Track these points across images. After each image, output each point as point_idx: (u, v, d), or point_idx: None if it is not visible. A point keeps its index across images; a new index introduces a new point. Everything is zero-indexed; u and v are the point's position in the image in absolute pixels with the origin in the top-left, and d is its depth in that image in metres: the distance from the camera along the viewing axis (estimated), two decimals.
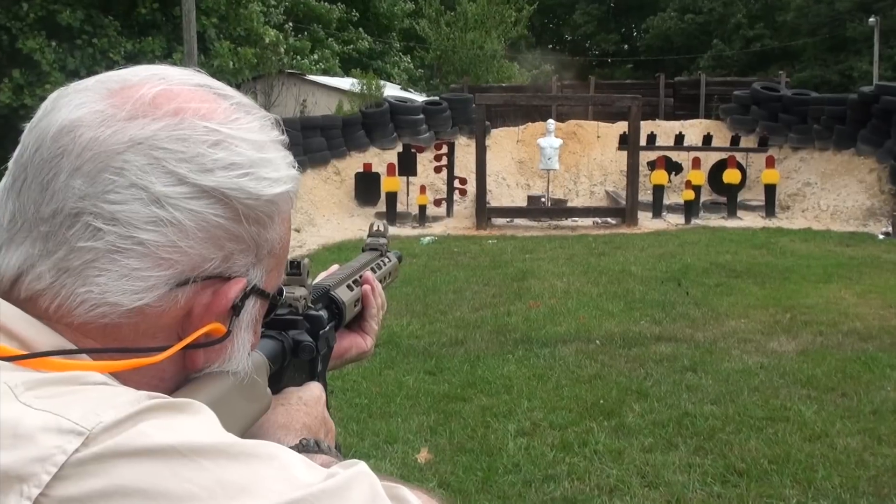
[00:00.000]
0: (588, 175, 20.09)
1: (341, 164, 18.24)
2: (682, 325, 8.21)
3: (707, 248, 12.88)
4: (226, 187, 0.83)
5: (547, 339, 7.80)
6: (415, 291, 9.82)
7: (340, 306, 1.31)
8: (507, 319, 8.53)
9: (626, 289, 9.91)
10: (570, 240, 14.33)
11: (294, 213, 0.96)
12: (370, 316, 1.42)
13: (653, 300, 9.28)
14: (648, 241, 13.76)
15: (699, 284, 10.08)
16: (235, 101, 0.88)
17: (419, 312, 8.89)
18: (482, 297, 9.65)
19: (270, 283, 0.92)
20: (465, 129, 20.22)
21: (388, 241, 1.66)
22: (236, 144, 0.84)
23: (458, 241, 14.45)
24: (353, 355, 1.40)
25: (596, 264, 11.66)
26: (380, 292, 1.46)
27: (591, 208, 17.24)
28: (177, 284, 0.82)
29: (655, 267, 11.32)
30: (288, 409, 1.06)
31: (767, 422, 5.67)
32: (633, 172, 16.29)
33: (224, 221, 0.83)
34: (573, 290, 9.94)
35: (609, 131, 20.55)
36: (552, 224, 16.62)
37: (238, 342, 0.91)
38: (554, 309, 8.95)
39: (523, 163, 20.26)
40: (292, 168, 0.91)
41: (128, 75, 0.86)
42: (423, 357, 7.28)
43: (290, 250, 0.97)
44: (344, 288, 1.36)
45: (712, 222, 16.32)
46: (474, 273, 11.11)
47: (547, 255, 12.71)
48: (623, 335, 7.85)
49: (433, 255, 12.65)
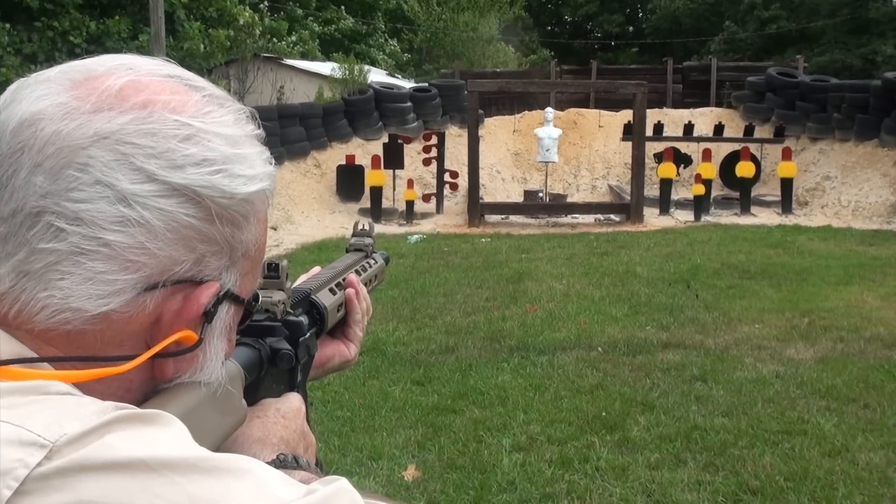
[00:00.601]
0: (589, 168, 20.13)
1: (322, 155, 18.24)
2: (692, 331, 8.24)
3: (718, 248, 12.92)
4: (198, 185, 0.83)
5: (545, 346, 7.82)
6: (401, 294, 9.83)
7: (322, 311, 1.32)
8: (502, 325, 8.55)
9: (630, 291, 9.95)
10: (569, 238, 14.35)
11: (271, 212, 0.97)
12: (354, 322, 1.43)
13: (659, 304, 9.31)
14: (655, 240, 13.80)
15: (710, 287, 10.12)
16: (208, 92, 0.89)
17: (406, 317, 8.90)
18: (475, 300, 9.67)
19: (245, 288, 0.93)
20: (457, 118, 20.23)
21: (374, 241, 1.67)
22: (209, 139, 0.85)
23: (449, 239, 14.46)
24: (335, 364, 1.41)
25: (598, 265, 11.69)
26: (365, 296, 1.47)
27: (593, 204, 17.27)
28: (145, 289, 0.82)
29: (662, 268, 11.36)
30: (264, 422, 1.07)
31: (783, 436, 5.70)
32: (638, 165, 16.33)
33: (196, 222, 0.84)
34: (573, 292, 9.96)
35: (612, 121, 20.59)
36: (550, 221, 16.65)
37: (211, 351, 0.91)
38: (552, 313, 8.97)
39: (519, 155, 20.29)
40: (269, 164, 0.92)
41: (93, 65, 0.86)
42: (410, 366, 7.29)
43: (266, 251, 0.97)
44: (326, 292, 1.37)
45: (724, 219, 16.37)
46: (466, 274, 11.13)
47: (545, 254, 12.74)
48: (627, 342, 7.88)
49: (421, 255, 12.66)
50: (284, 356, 1.14)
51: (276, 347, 1.14)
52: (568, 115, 21.07)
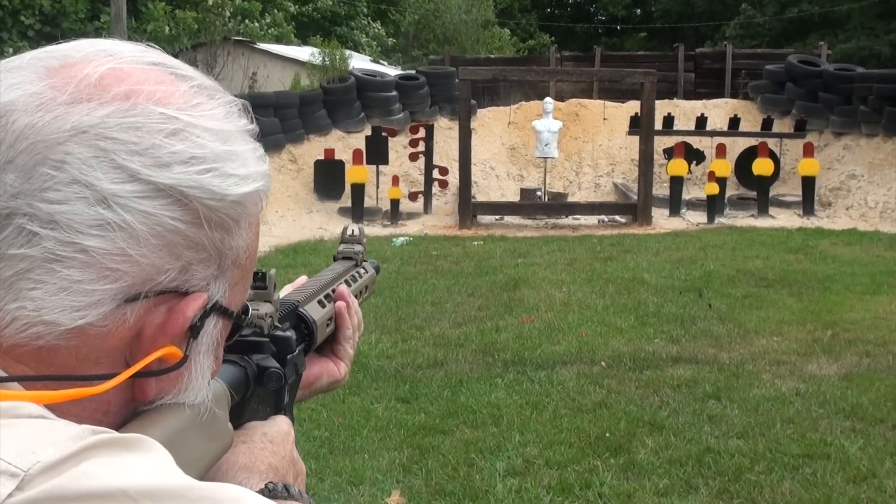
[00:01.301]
0: (592, 164, 20.17)
1: (298, 149, 18.23)
2: (704, 344, 8.27)
3: (733, 253, 12.96)
4: (185, 185, 0.83)
5: (543, 360, 7.83)
6: (385, 303, 9.84)
7: (311, 326, 1.32)
8: (496, 337, 8.56)
9: (637, 300, 9.97)
10: (570, 241, 14.38)
11: (266, 217, 0.97)
12: (344, 338, 1.43)
13: (669, 314, 9.34)
14: (664, 244, 13.84)
15: (724, 295, 10.15)
16: (196, 82, 0.89)
17: (390, 328, 8.91)
18: (466, 309, 9.68)
19: (234, 300, 0.93)
20: (447, 108, 20.25)
21: (364, 248, 1.66)
22: (198, 135, 0.85)
23: (438, 242, 14.47)
24: (323, 384, 1.41)
25: (601, 271, 11.72)
26: (356, 310, 1.47)
27: (597, 204, 17.32)
28: (125, 300, 0.82)
29: (672, 274, 11.39)
30: (251, 447, 1.06)
31: (804, 459, 5.72)
32: (645, 162, 16.38)
33: (182, 226, 0.83)
34: (574, 301, 9.99)
35: (617, 112, 20.64)
36: (550, 223, 16.68)
37: (196, 369, 0.91)
38: (551, 324, 8.99)
39: (515, 149, 20.32)
40: (262, 163, 0.92)
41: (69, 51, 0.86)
42: (394, 381, 7.29)
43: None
44: (315, 304, 1.37)
45: (739, 221, 16.42)
46: (457, 281, 11.14)
47: (543, 259, 12.76)
48: (633, 356, 7.90)
49: (407, 260, 12.66)
50: (273, 375, 1.14)
51: (263, 365, 1.13)
52: (569, 106, 21.10)
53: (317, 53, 20.18)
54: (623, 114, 20.30)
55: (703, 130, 18.67)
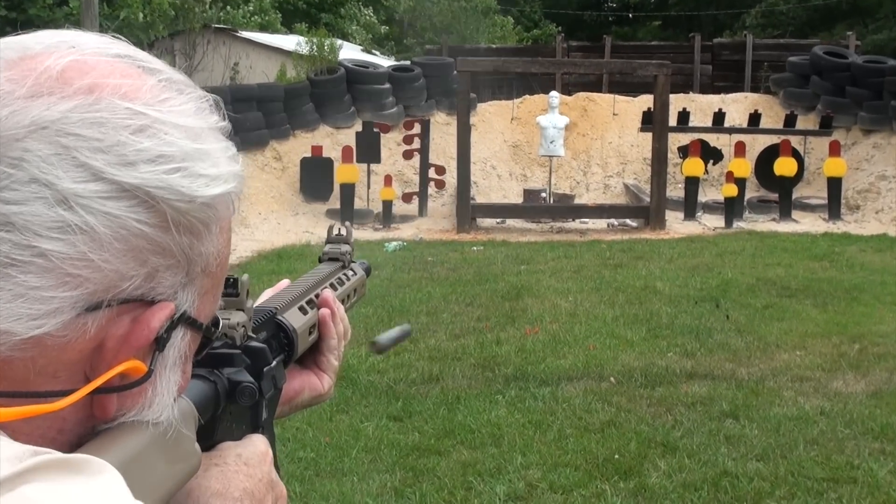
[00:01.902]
0: (602, 163, 20.19)
1: (283, 146, 18.23)
2: (721, 359, 8.27)
3: (753, 259, 12.97)
4: (152, 185, 0.83)
5: (547, 375, 7.83)
6: (377, 313, 9.83)
7: (290, 335, 1.32)
8: (496, 350, 8.56)
9: (649, 311, 9.98)
10: (577, 247, 14.39)
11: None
12: (328, 348, 1.42)
13: (683, 326, 9.34)
14: (678, 250, 13.85)
15: (743, 306, 10.16)
16: (165, 76, 0.90)
17: None
18: (464, 320, 9.68)
19: (204, 310, 0.93)
20: (444, 102, 20.26)
21: (352, 248, 1.66)
22: (166, 132, 0.85)
23: (434, 247, 14.48)
24: (305, 399, 1.40)
25: (611, 279, 11.73)
26: (342, 317, 1.46)
27: (606, 206, 17.32)
28: (86, 308, 0.82)
29: (687, 283, 11.40)
30: (224, 470, 1.05)
31: (829, 484, 5.72)
32: (659, 161, 16.40)
33: (148, 229, 0.84)
34: (581, 311, 9.99)
35: (629, 108, 20.66)
36: (555, 227, 16.69)
37: (161, 384, 0.91)
38: (556, 336, 8.99)
39: (518, 147, 20.33)
40: (235, 163, 0.92)
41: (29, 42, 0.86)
42: (386, 398, 7.29)
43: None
44: (295, 311, 1.37)
45: (760, 226, 16.44)
46: (454, 289, 11.14)
47: (548, 266, 12.76)
48: (645, 371, 7.90)
49: (401, 266, 12.66)
50: (246, 390, 1.13)
51: (235, 380, 1.12)
52: (577, 100, 21.13)
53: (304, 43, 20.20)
54: (635, 109, 20.32)
55: (721, 127, 18.68)
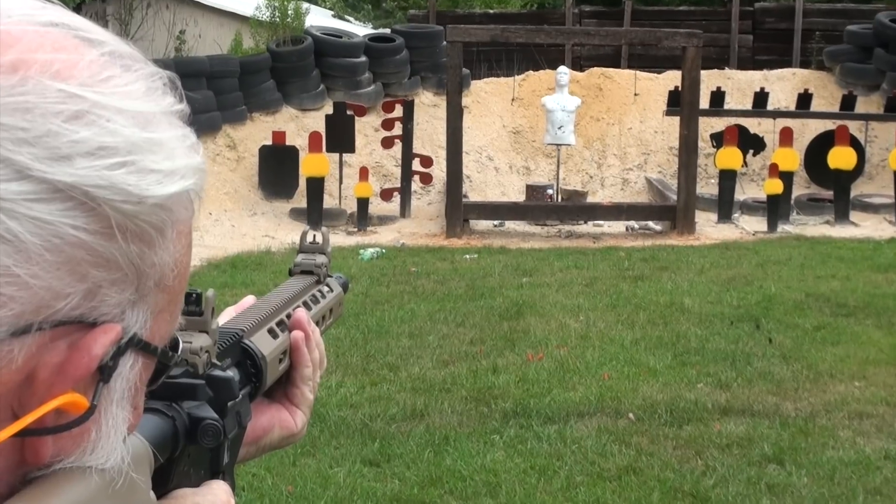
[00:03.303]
0: (620, 154, 20.19)
1: (238, 132, 18.19)
2: (762, 391, 8.28)
3: (802, 271, 12.98)
4: (91, 184, 0.82)
5: (553, 410, 7.84)
6: (349, 334, 9.83)
7: (259, 363, 1.33)
8: (493, 380, 8.57)
9: (675, 333, 9.98)
10: (590, 255, 14.38)
11: (197, 222, 0.97)
12: (302, 378, 1.44)
13: (717, 351, 9.34)
14: (711, 259, 13.86)
15: (789, 327, 10.16)
16: (109, 49, 0.88)
17: (356, 367, 8.90)
18: (454, 343, 9.67)
19: (159, 332, 0.93)
20: (431, 79, 20.25)
21: (329, 259, 1.67)
22: (108, 118, 0.84)
23: (419, 255, 14.47)
24: (274, 438, 1.42)
25: (630, 294, 11.73)
26: (317, 341, 1.48)
27: (624, 206, 17.29)
28: (12, 333, 0.81)
29: (721, 299, 11.41)
30: None
31: None
32: (688, 151, 16.38)
33: (88, 237, 0.82)
34: (594, 334, 9.99)
35: (652, 86, 20.65)
36: (564, 230, 16.71)
37: (107, 423, 0.90)
38: (564, 364, 8.99)
39: (520, 134, 20.32)
40: (195, 154, 0.91)
41: None
42: (360, 438, 7.29)
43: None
44: (264, 334, 1.38)
45: (810, 230, 16.44)
46: (442, 306, 11.13)
47: (555, 278, 12.76)
48: (671, 405, 7.91)
49: (378, 278, 12.66)
50: (209, 429, 1.13)
51: (197, 416, 1.13)
52: (590, 77, 21.12)
53: (263, 7, 20.17)
54: (659, 88, 20.31)
55: (764, 110, 18.66)
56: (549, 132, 17.46)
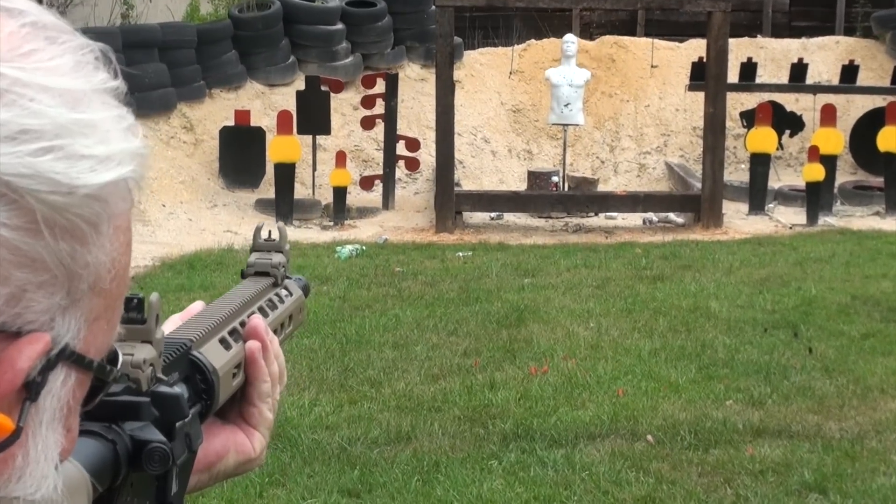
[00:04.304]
0: (635, 135, 20.21)
1: (195, 111, 18.18)
2: (801, 409, 8.29)
3: (847, 270, 12.99)
4: (12, 172, 0.82)
5: (560, 431, 7.85)
6: (325, 344, 9.82)
7: (210, 378, 1.33)
8: (490, 397, 8.57)
9: (700, 342, 9.98)
10: (601, 252, 14.40)
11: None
12: (259, 396, 1.44)
13: (748, 363, 9.35)
14: (741, 256, 13.88)
15: (832, 334, 10.16)
16: (30, 19, 0.88)
17: (332, 383, 8.90)
18: (445, 355, 9.67)
19: (95, 342, 0.93)
20: (418, 50, 20.27)
21: (287, 258, 1.67)
22: (31, 97, 0.84)
23: (404, 252, 14.47)
24: (230, 465, 1.42)
25: (648, 297, 11.74)
26: (276, 352, 1.47)
27: (641, 195, 17.29)
28: None
29: (753, 302, 11.42)
30: None
31: None
32: (714, 132, 16.37)
33: (9, 234, 0.83)
34: (607, 343, 9.99)
35: (673, 57, 20.68)
36: (571, 224, 16.74)
37: (36, 447, 0.90)
38: (572, 378, 8.99)
39: (521, 112, 20.33)
40: (132, 136, 0.92)
41: None
42: (338, 464, 7.29)
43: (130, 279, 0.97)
44: (215, 345, 1.38)
45: (857, 222, 16.45)
46: (431, 312, 11.13)
47: (561, 279, 12.77)
48: (695, 426, 7.92)
49: (358, 280, 12.65)
50: (156, 453, 1.13)
51: (141, 438, 1.13)
52: (601, 46, 21.14)
53: None
54: (681, 59, 20.34)
55: (802, 84, 18.68)
56: (553, 110, 17.47)
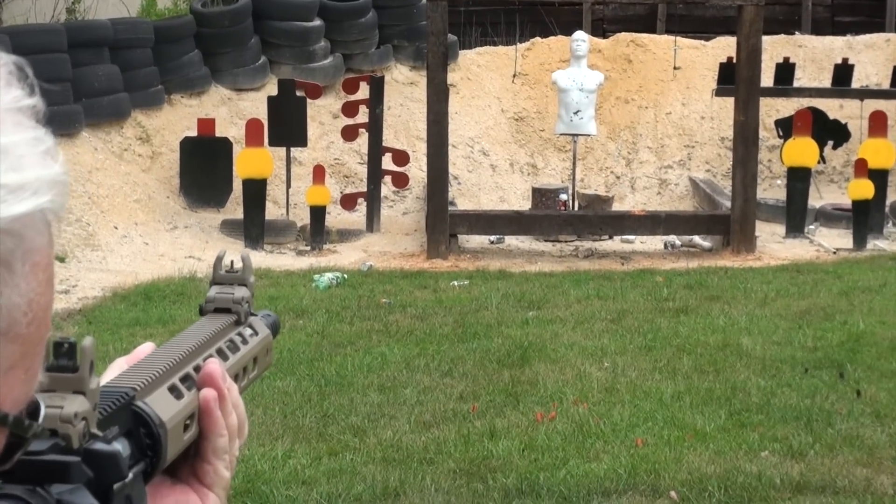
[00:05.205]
0: (655, 147, 20.23)
1: (153, 120, 18.18)
2: (849, 461, 8.29)
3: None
4: None
5: (570, 487, 7.85)
6: (301, 386, 9.83)
7: (156, 432, 1.33)
8: (490, 447, 8.57)
9: (730, 384, 9.98)
10: (617, 280, 14.42)
11: (57, 243, 0.96)
12: (214, 451, 1.43)
13: (786, 408, 9.35)
14: (777, 285, 13.88)
15: (884, 375, 10.17)
16: None
17: (309, 431, 8.90)
18: (439, 399, 9.67)
19: (11, 394, 0.95)
20: (407, 50, 20.34)
21: (250, 290, 1.66)
22: None
23: (391, 281, 14.48)
24: None
25: (670, 332, 11.74)
26: (235, 402, 1.47)
27: (662, 216, 17.30)
28: None
29: (791, 338, 11.41)
30: None
31: None
32: (745, 143, 16.38)
33: None
34: (623, 385, 10.00)
35: (698, 57, 20.72)
36: (582, 248, 16.76)
37: None
38: (584, 425, 9.00)
39: (524, 121, 20.36)
40: (51, 161, 0.92)
41: None
42: None
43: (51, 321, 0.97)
44: (163, 394, 1.38)
45: None
46: (423, 349, 11.14)
47: (571, 311, 12.77)
48: (725, 480, 7.92)
49: (339, 312, 12.66)
50: None
51: (69, 503, 1.13)
52: (616, 45, 21.19)
53: None
54: (707, 59, 20.38)
55: (847, 88, 18.70)
56: (561, 119, 17.51)
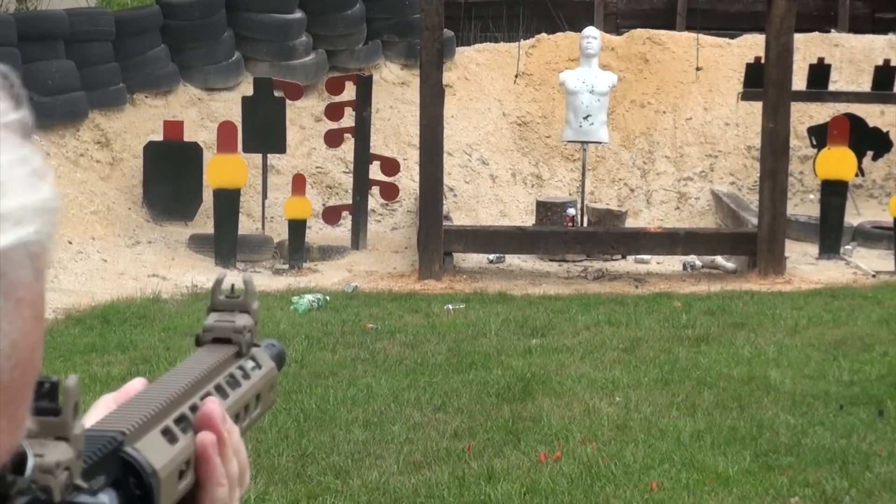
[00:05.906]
0: (674, 156, 20.28)
1: (113, 122, 18.23)
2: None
3: None
4: None
5: None
6: (277, 421, 9.84)
7: (147, 482, 1.32)
8: (488, 490, 8.58)
9: (756, 421, 10.00)
10: (630, 305, 14.44)
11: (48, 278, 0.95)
12: (212, 502, 1.43)
13: (818, 449, 9.37)
14: (809, 311, 13.90)
15: None
16: None
17: (286, 471, 8.91)
18: (431, 436, 9.69)
19: None
20: (398, 46, 20.39)
21: (254, 318, 1.63)
22: None
23: (379, 304, 14.51)
24: None
25: (689, 364, 11.75)
26: (236, 447, 1.46)
27: (681, 233, 17.36)
28: None
29: (825, 371, 11.42)
30: None
31: None
32: (774, 153, 16.41)
33: None
34: (637, 422, 10.01)
35: (722, 57, 20.78)
36: (591, 269, 16.78)
37: None
38: (593, 466, 9.01)
39: (528, 126, 20.41)
40: (40, 184, 0.93)
41: None
42: None
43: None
44: (156, 438, 1.37)
45: None
46: (413, 381, 11.15)
47: (578, 339, 12.79)
48: None
49: (320, 339, 12.67)
50: None
51: None
52: (630, 43, 21.25)
53: None
54: (732, 59, 20.45)
55: (889, 93, 18.75)
56: (570, 124, 17.56)
